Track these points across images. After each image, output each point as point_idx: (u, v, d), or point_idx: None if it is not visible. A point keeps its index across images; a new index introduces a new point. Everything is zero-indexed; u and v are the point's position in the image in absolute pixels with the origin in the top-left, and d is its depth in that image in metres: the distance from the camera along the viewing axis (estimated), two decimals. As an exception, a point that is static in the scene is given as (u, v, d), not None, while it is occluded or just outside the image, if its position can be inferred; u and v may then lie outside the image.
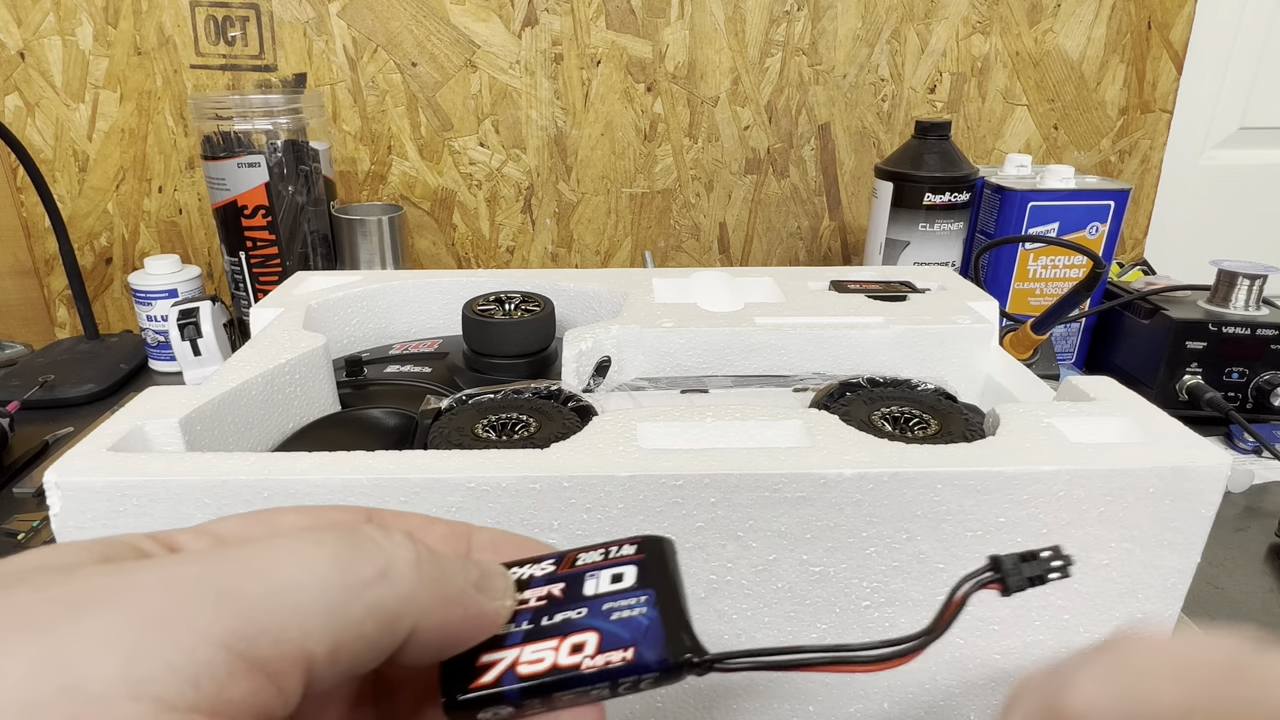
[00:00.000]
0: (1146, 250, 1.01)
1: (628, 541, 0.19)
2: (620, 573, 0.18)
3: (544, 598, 0.18)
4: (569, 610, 0.17)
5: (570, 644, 0.17)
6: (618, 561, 0.18)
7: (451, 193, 0.90)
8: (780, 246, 0.97)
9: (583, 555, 0.19)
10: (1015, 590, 0.18)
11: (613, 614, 0.17)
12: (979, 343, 0.44)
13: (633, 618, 0.17)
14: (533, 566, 0.19)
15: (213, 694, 0.13)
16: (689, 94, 0.89)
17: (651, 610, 0.17)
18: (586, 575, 0.18)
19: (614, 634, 0.17)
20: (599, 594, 0.18)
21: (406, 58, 0.85)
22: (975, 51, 0.90)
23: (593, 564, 0.18)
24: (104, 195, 0.86)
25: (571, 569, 0.18)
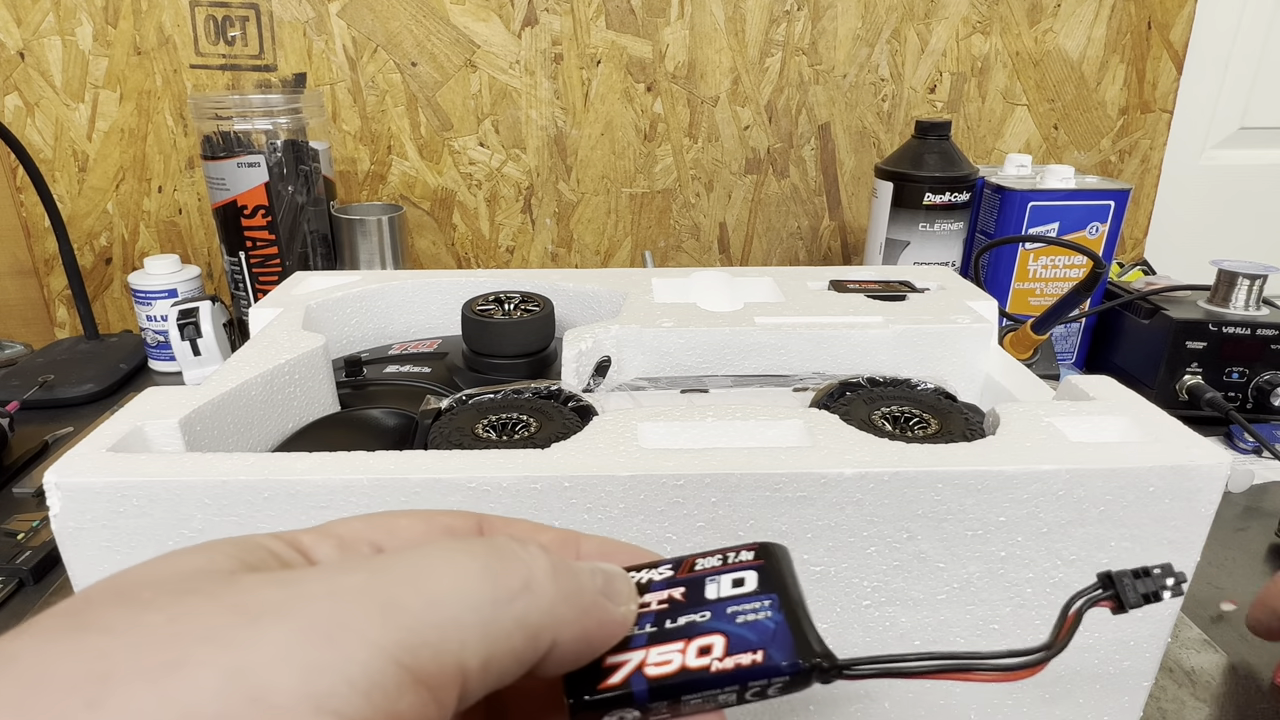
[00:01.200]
0: (1146, 250, 1.01)
1: (745, 548, 0.19)
2: (741, 577, 0.18)
3: (665, 601, 0.18)
4: (692, 613, 0.17)
5: (697, 646, 0.17)
6: (737, 567, 0.18)
7: (451, 193, 0.90)
8: (780, 246, 0.97)
9: (700, 560, 0.19)
10: (1131, 607, 0.18)
11: (738, 617, 0.17)
12: (979, 342, 0.44)
13: (759, 621, 0.17)
14: (650, 571, 0.19)
15: (384, 708, 0.13)
16: (689, 94, 0.89)
17: (777, 614, 0.17)
18: (706, 580, 0.18)
19: (741, 636, 0.17)
20: (721, 598, 0.17)
21: (406, 57, 0.85)
22: (975, 51, 0.90)
23: (711, 569, 0.18)
24: (104, 195, 0.86)
25: (690, 573, 0.18)
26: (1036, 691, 0.34)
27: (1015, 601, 0.32)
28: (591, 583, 0.17)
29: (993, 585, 0.31)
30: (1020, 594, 0.31)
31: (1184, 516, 0.30)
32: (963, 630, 0.32)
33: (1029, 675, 0.18)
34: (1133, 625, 0.32)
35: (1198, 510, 0.30)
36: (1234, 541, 0.54)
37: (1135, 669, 0.33)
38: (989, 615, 0.32)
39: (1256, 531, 0.55)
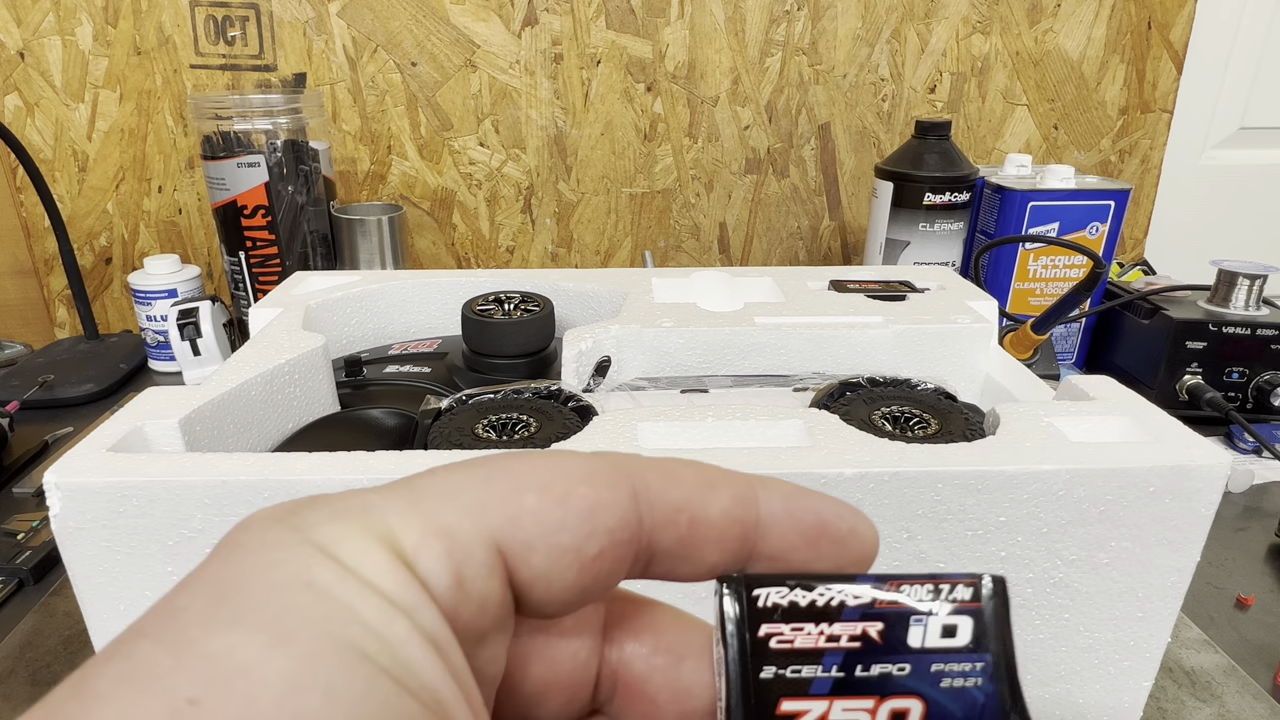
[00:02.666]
0: (1146, 250, 1.01)
1: (963, 581, 0.16)
2: (954, 625, 0.15)
3: (858, 638, 0.15)
4: (889, 663, 0.15)
5: (890, 709, 0.14)
6: (950, 607, 0.15)
7: (451, 192, 0.90)
8: (780, 246, 0.97)
9: (907, 587, 0.16)
10: None
11: (942, 680, 0.15)
12: (979, 342, 0.44)
13: (966, 689, 0.15)
14: (844, 587, 0.15)
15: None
16: (689, 94, 0.89)
17: (989, 684, 0.15)
18: (912, 620, 0.15)
19: (943, 708, 0.14)
20: (927, 649, 0.15)
21: (406, 57, 0.85)
22: (975, 51, 0.90)
23: (919, 603, 0.15)
24: (103, 195, 0.86)
25: (894, 605, 0.15)
26: (1037, 691, 0.34)
27: (1015, 602, 0.31)
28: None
29: (993, 585, 0.31)
30: (1021, 594, 0.31)
31: (1184, 516, 0.30)
32: (963, 630, 0.32)
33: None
34: (1132, 625, 0.32)
35: (1198, 510, 0.30)
36: (1234, 541, 0.54)
37: (1135, 669, 0.33)
38: (989, 615, 0.32)
39: (1256, 531, 0.55)
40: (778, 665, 0.15)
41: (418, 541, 0.13)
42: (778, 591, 0.15)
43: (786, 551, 0.16)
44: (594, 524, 0.14)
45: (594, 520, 0.14)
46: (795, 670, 0.15)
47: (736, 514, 0.15)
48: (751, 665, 0.15)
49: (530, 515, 0.14)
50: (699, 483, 0.15)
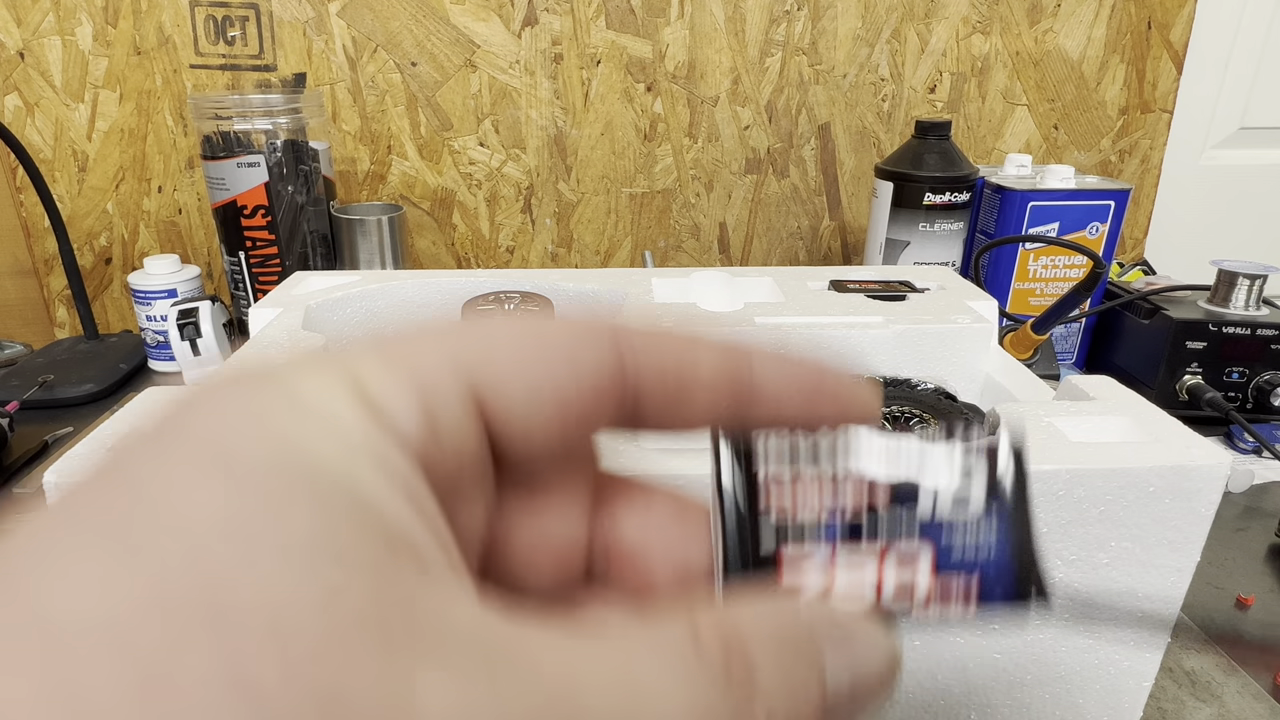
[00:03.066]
0: (1146, 250, 1.01)
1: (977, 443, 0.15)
2: (967, 493, 0.14)
3: (869, 490, 0.14)
4: (897, 516, 0.14)
5: (896, 577, 0.14)
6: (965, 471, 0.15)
7: (451, 192, 0.90)
8: (780, 246, 0.97)
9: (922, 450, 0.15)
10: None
11: (953, 550, 0.14)
12: (979, 342, 0.44)
13: (979, 545, 0.14)
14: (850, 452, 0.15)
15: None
16: (689, 94, 0.89)
17: (1002, 541, 0.14)
18: (922, 489, 0.14)
19: (953, 569, 0.14)
20: (938, 520, 0.14)
21: (406, 57, 0.85)
22: (975, 51, 0.90)
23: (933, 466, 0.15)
24: (103, 195, 0.86)
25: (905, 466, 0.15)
26: (1037, 691, 0.33)
27: (1015, 602, 0.32)
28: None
29: (993, 585, 0.31)
30: (1020, 594, 0.31)
31: (1184, 517, 0.30)
32: (963, 631, 0.32)
33: None
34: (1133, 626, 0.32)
35: (1198, 510, 0.30)
36: (1234, 542, 0.54)
37: (1135, 669, 0.33)
38: (989, 615, 0.32)
39: (1256, 532, 0.55)
40: (777, 515, 0.14)
41: (385, 383, 0.12)
42: (778, 440, 0.15)
43: (783, 409, 0.15)
44: (574, 369, 0.13)
45: (574, 366, 0.13)
46: (796, 520, 0.14)
47: (727, 370, 0.15)
48: (750, 515, 0.14)
49: (506, 359, 0.13)
50: (688, 342, 0.15)
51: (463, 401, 0.12)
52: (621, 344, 0.14)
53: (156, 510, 0.09)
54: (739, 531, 0.14)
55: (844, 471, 0.14)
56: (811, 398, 0.15)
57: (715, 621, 0.12)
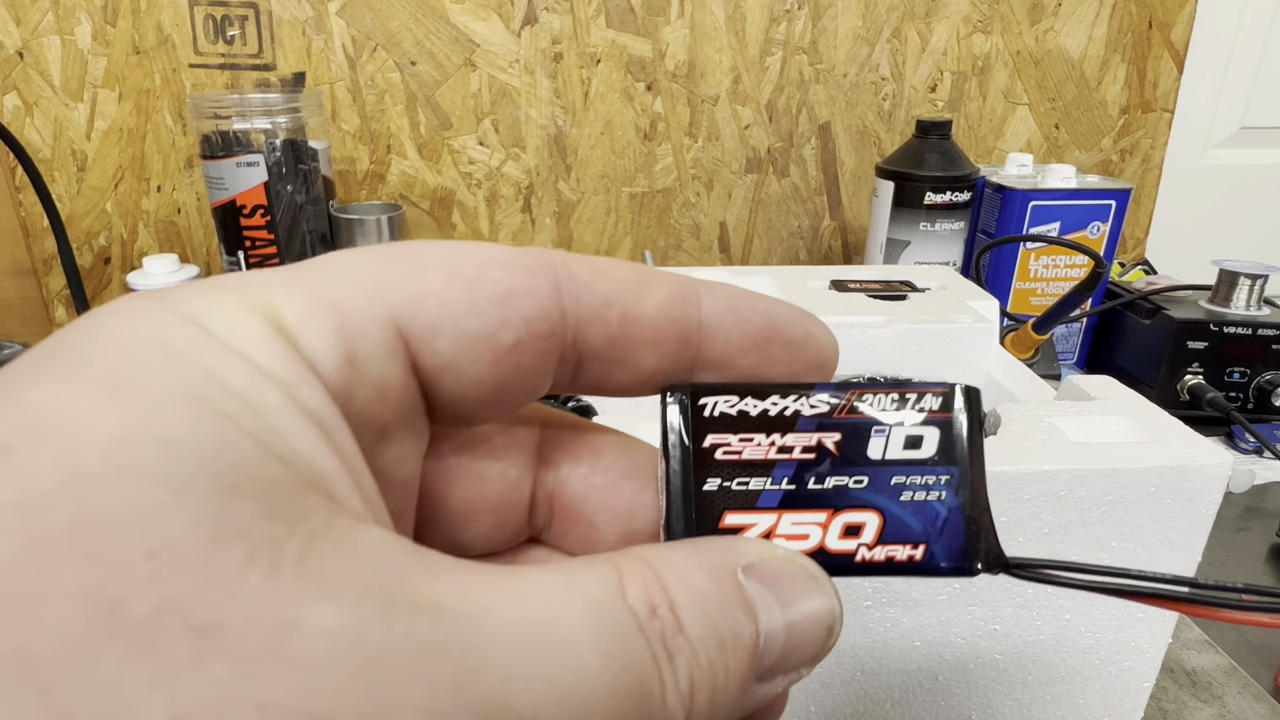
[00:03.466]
0: (1148, 250, 1.01)
1: (933, 390, 0.14)
2: (919, 435, 0.14)
3: (813, 449, 0.14)
4: (845, 475, 0.14)
5: (844, 523, 0.13)
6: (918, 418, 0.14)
7: (451, 192, 0.90)
8: (780, 246, 0.96)
9: (871, 397, 0.14)
10: None
11: (902, 493, 0.13)
12: (980, 342, 0.44)
13: (928, 502, 0.13)
14: (801, 398, 0.14)
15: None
16: (689, 93, 0.89)
17: (952, 497, 0.13)
18: (874, 430, 0.14)
19: (902, 522, 0.13)
20: (888, 460, 0.14)
21: (405, 57, 0.85)
22: (976, 50, 0.90)
23: (882, 413, 0.14)
24: (102, 195, 0.86)
25: (853, 414, 0.14)
26: (1038, 692, 0.33)
27: (1016, 602, 0.31)
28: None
29: (993, 585, 0.31)
30: (1021, 594, 0.31)
31: (1185, 517, 0.30)
32: (963, 631, 0.32)
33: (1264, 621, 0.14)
34: (1134, 626, 0.32)
35: (1199, 511, 0.30)
36: (1235, 542, 0.54)
37: (1136, 670, 0.33)
38: (990, 616, 0.32)
39: (1258, 532, 0.55)
40: (723, 477, 0.14)
41: (302, 315, 0.11)
42: (726, 400, 0.14)
43: (734, 356, 0.14)
44: (509, 310, 0.12)
45: (509, 306, 0.12)
46: (742, 482, 0.14)
47: (674, 312, 0.14)
48: (695, 477, 0.14)
49: (435, 296, 0.12)
50: (632, 278, 0.13)
51: (386, 338, 0.12)
52: (562, 277, 0.13)
53: (41, 428, 0.09)
54: (684, 489, 0.14)
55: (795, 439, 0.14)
56: (764, 345, 0.14)
57: (643, 569, 0.12)
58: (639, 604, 0.11)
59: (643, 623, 0.11)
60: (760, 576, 0.12)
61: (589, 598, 0.11)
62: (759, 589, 0.12)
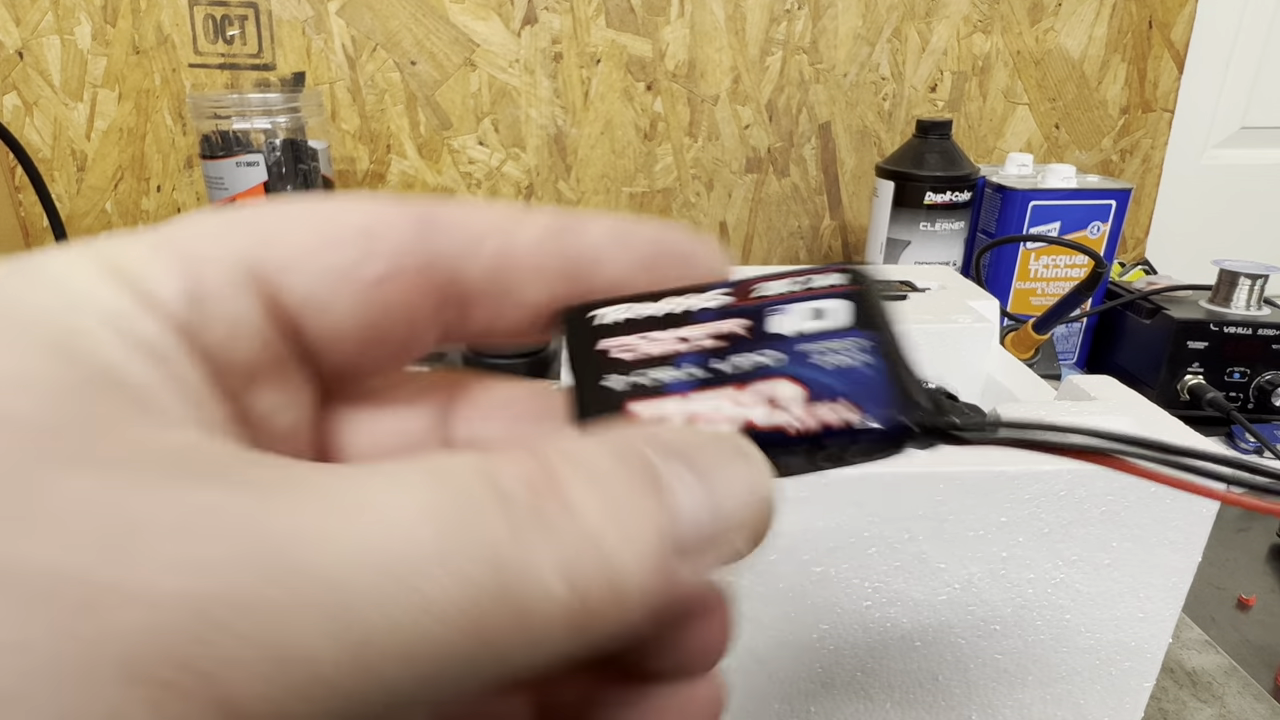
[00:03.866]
0: (1148, 250, 1.01)
1: (826, 269, 0.14)
2: (827, 308, 0.13)
3: (718, 335, 0.13)
4: (758, 353, 0.13)
5: (766, 396, 0.12)
6: (819, 294, 0.13)
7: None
8: (781, 246, 0.96)
9: (766, 284, 0.14)
10: None
11: (822, 360, 0.13)
12: (980, 342, 0.44)
13: (851, 367, 0.13)
14: (696, 296, 0.14)
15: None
16: (689, 93, 0.89)
17: (877, 360, 0.13)
18: (779, 308, 0.13)
19: (827, 386, 0.12)
20: (801, 333, 0.13)
21: (405, 56, 0.85)
22: (976, 50, 0.90)
23: (781, 295, 0.14)
24: (102, 195, 0.86)
25: (754, 299, 0.14)
26: (1038, 691, 0.33)
27: (1017, 603, 0.31)
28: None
29: (994, 586, 0.31)
30: (1022, 594, 0.31)
31: (1185, 517, 0.30)
32: (964, 631, 0.32)
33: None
34: (1134, 626, 0.32)
35: (1199, 511, 0.30)
36: (1235, 542, 0.54)
37: (1136, 670, 0.33)
38: (990, 616, 0.32)
39: (1257, 532, 0.55)
40: (623, 373, 0.13)
41: (145, 258, 0.11)
42: (620, 308, 0.14)
43: (626, 281, 0.14)
44: (370, 245, 0.12)
45: (370, 239, 0.12)
46: (645, 373, 0.13)
47: (553, 241, 0.13)
48: (594, 378, 0.13)
49: (288, 232, 0.12)
50: (507, 214, 0.13)
51: (235, 275, 0.11)
52: (426, 215, 0.13)
53: None
54: (581, 391, 0.13)
55: (696, 330, 0.13)
56: (653, 265, 0.14)
57: (525, 455, 0.11)
58: (510, 480, 0.10)
59: (505, 495, 0.10)
60: (674, 453, 0.11)
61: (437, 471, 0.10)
62: (673, 465, 0.11)
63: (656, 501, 0.11)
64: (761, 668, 0.32)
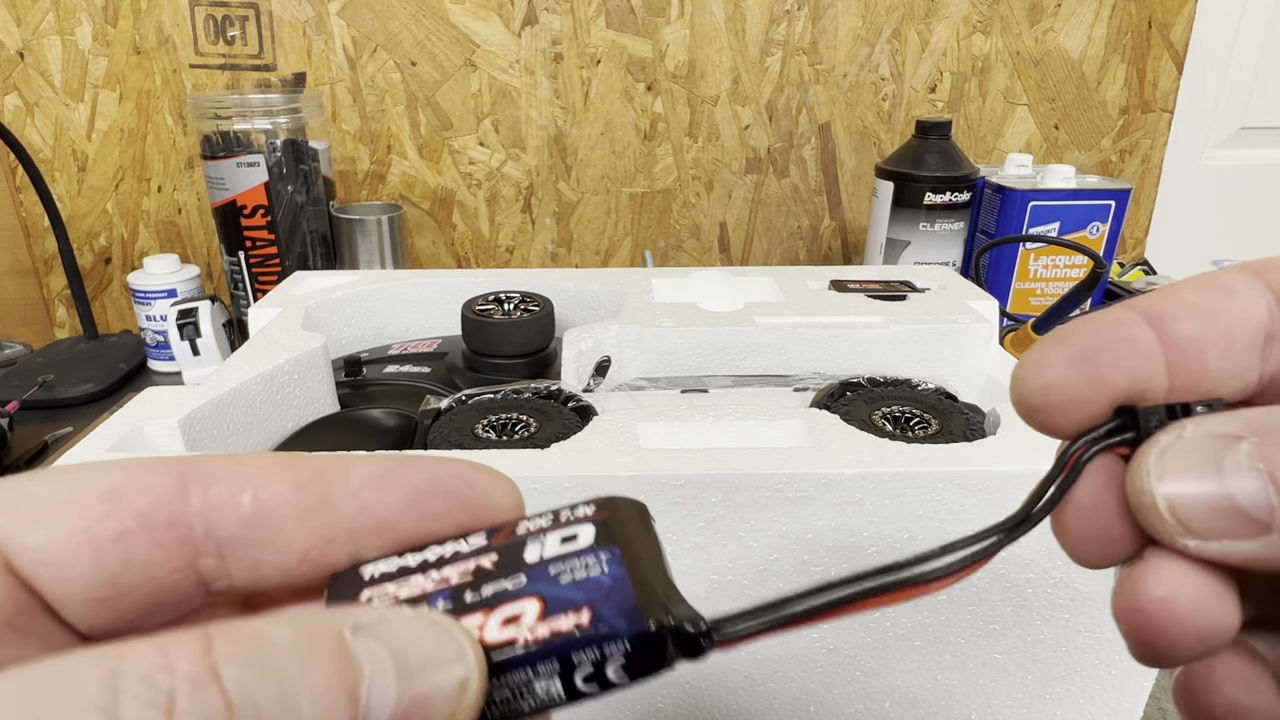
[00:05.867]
0: (1147, 250, 1.01)
1: (585, 503, 0.14)
2: (575, 533, 0.14)
3: (470, 572, 0.13)
4: (504, 580, 0.13)
5: (501, 616, 0.12)
6: (571, 523, 0.14)
7: (451, 192, 0.90)
8: (780, 246, 0.97)
9: (525, 523, 0.14)
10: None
11: (562, 576, 0.13)
12: (979, 342, 0.44)
13: (590, 578, 0.13)
14: (460, 540, 0.14)
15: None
16: (689, 93, 0.89)
17: (616, 568, 0.13)
18: (529, 542, 0.14)
19: (563, 597, 0.12)
20: (545, 559, 0.13)
21: (406, 57, 0.85)
22: (976, 51, 0.90)
23: (537, 530, 0.14)
24: (103, 195, 0.86)
25: (511, 536, 0.14)
26: (1037, 691, 0.33)
27: (1016, 602, 0.31)
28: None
29: (993, 585, 0.31)
30: (1021, 594, 0.31)
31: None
32: (963, 630, 0.32)
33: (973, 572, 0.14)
34: (1134, 626, 0.32)
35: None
36: (1235, 542, 0.54)
37: (1136, 669, 0.33)
38: (990, 615, 0.32)
39: (1257, 532, 0.55)
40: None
41: None
42: (386, 562, 0.14)
43: (393, 519, 0.14)
44: (114, 504, 0.13)
45: (115, 500, 0.13)
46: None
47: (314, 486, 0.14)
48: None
49: (30, 499, 0.12)
50: (273, 463, 0.14)
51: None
52: (188, 471, 0.13)
53: None
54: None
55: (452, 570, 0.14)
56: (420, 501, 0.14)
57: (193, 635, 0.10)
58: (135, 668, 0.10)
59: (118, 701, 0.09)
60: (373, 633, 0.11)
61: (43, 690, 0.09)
62: (369, 643, 0.11)
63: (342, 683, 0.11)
64: (761, 668, 0.32)
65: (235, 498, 0.13)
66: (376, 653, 0.11)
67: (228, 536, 0.13)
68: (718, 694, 0.33)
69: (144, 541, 0.13)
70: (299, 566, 0.14)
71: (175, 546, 0.13)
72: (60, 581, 0.12)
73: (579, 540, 0.13)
